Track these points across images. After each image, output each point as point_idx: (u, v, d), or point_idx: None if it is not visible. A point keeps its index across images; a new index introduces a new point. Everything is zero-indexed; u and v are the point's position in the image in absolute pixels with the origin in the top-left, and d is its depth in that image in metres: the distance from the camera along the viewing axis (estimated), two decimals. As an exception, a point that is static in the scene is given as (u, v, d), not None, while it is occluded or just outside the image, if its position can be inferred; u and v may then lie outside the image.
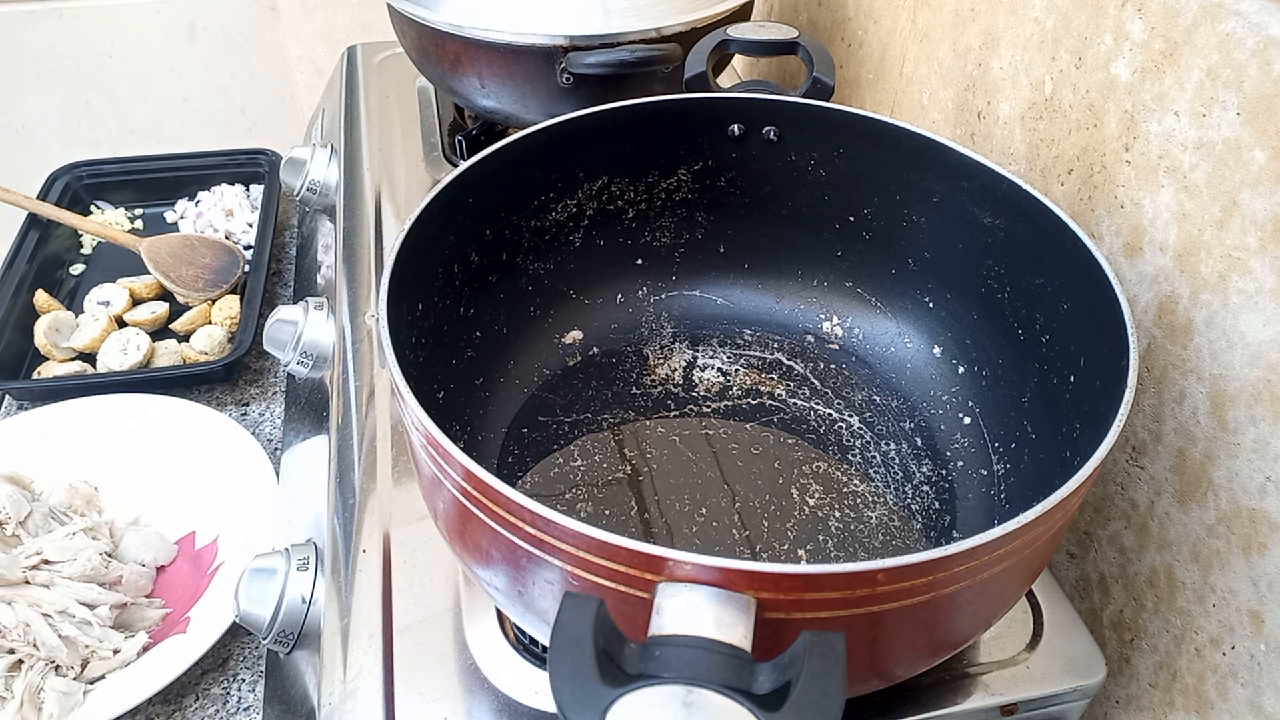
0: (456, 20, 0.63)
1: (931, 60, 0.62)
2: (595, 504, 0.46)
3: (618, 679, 0.25)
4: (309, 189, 0.78)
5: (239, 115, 1.25)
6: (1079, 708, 0.43)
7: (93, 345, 0.78)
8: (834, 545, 0.44)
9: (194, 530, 0.65)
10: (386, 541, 0.46)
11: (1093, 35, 0.46)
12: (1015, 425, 0.46)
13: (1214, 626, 0.42)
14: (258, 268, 0.83)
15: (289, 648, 0.48)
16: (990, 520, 0.45)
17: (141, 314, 0.82)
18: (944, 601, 0.30)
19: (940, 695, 0.41)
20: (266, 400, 0.76)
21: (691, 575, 0.27)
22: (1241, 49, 0.37)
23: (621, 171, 0.52)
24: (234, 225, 0.92)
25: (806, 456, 0.49)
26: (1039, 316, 0.44)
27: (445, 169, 0.72)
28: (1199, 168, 0.40)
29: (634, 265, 0.56)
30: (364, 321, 0.59)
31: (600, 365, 0.53)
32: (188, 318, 0.82)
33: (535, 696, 0.40)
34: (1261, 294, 0.37)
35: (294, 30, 1.20)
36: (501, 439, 0.49)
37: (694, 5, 0.64)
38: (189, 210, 0.94)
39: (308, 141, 0.93)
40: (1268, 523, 0.38)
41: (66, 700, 0.54)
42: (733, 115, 0.51)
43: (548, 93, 0.64)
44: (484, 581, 0.35)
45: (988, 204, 0.46)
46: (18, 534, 0.61)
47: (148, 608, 0.60)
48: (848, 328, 0.55)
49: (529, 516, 0.29)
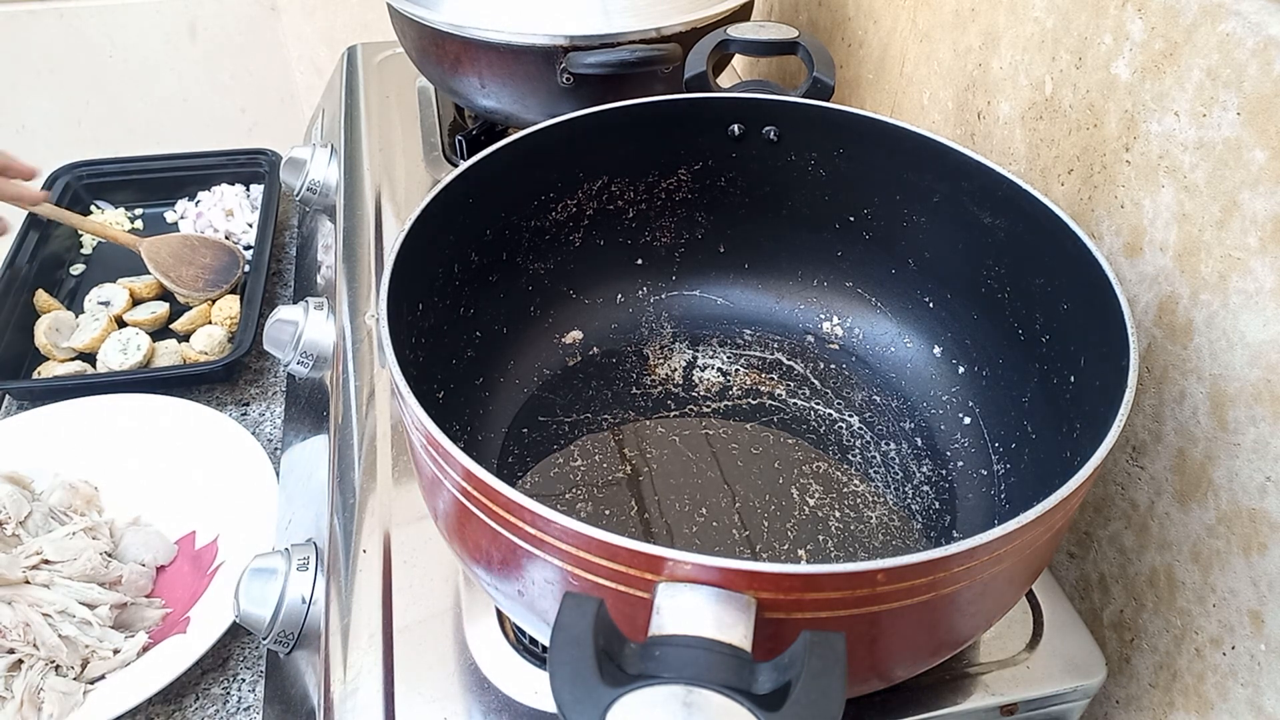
0: (456, 20, 0.63)
1: (932, 60, 0.62)
2: (595, 504, 0.46)
3: (618, 679, 0.25)
4: (309, 189, 0.78)
5: (239, 115, 1.25)
6: (1079, 708, 0.43)
7: (93, 345, 0.78)
8: (834, 545, 0.44)
9: (194, 530, 0.65)
10: (386, 541, 0.46)
11: (1093, 35, 0.46)
12: (1015, 425, 0.46)
13: (1214, 626, 0.42)
14: (258, 268, 0.83)
15: (289, 648, 0.48)
16: (990, 520, 0.45)
17: (141, 314, 0.82)
18: (944, 601, 0.30)
19: (940, 695, 0.41)
20: (266, 400, 0.76)
21: (691, 575, 0.27)
22: (1241, 49, 0.37)
23: (621, 171, 0.52)
24: (234, 225, 0.92)
25: (806, 456, 0.49)
26: (1039, 316, 0.44)
27: (445, 169, 0.72)
28: (1199, 168, 0.40)
29: (634, 265, 0.56)
30: (364, 321, 0.59)
31: (600, 365, 0.53)
32: (188, 318, 0.82)
33: (535, 696, 0.40)
34: (1261, 294, 0.37)
35: (294, 30, 1.20)
36: (501, 439, 0.49)
37: (694, 5, 0.64)
38: (189, 210, 0.94)
39: (308, 141, 0.93)
40: (1268, 523, 0.38)
41: (66, 700, 0.54)
42: (733, 115, 0.51)
43: (548, 93, 0.64)
44: (484, 581, 0.35)
45: (988, 204, 0.46)
46: (18, 534, 0.61)
47: (148, 608, 0.60)
48: (848, 328, 0.55)
49: (529, 516, 0.29)
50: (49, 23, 1.12)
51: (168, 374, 0.76)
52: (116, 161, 0.96)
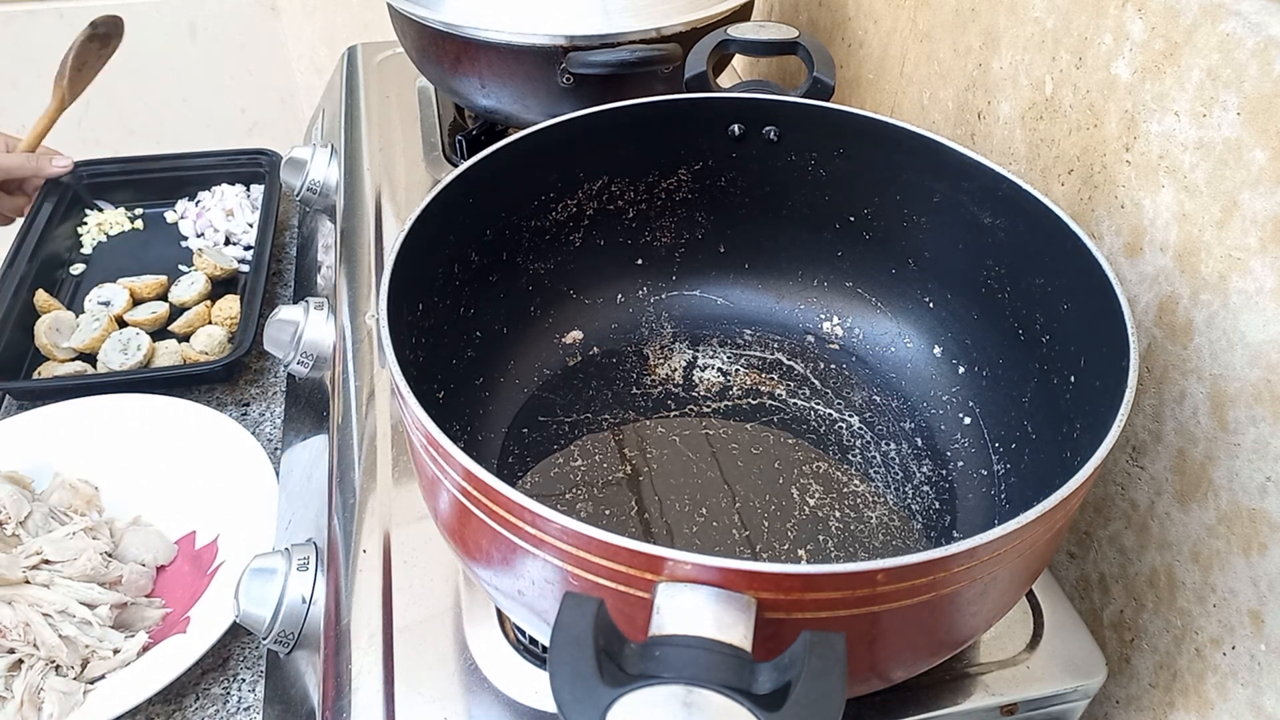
0: (456, 20, 0.63)
1: (932, 60, 0.62)
2: (595, 504, 0.46)
3: (618, 679, 0.25)
4: (309, 189, 0.78)
5: (239, 115, 1.25)
6: (1079, 708, 0.43)
7: (93, 345, 0.78)
8: (834, 545, 0.44)
9: (194, 530, 0.65)
10: (386, 541, 0.46)
11: (1093, 35, 0.46)
12: (1015, 425, 0.46)
13: (1214, 627, 0.42)
14: (258, 267, 0.83)
15: (289, 648, 0.48)
16: (990, 520, 0.45)
17: (142, 314, 0.82)
18: (944, 601, 0.30)
19: (940, 695, 0.41)
20: (266, 400, 0.76)
21: (692, 575, 0.27)
22: (1242, 49, 0.37)
23: (622, 171, 0.52)
24: (234, 225, 0.92)
25: (807, 456, 0.49)
26: (1039, 316, 0.44)
27: (445, 169, 0.72)
28: (1199, 168, 0.40)
29: (634, 265, 0.56)
30: (364, 321, 0.59)
31: (600, 365, 0.53)
32: (186, 319, 0.82)
33: (535, 696, 0.40)
34: (1262, 294, 0.37)
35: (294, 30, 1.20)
36: (501, 439, 0.49)
37: (694, 5, 0.64)
38: (189, 210, 0.94)
39: (308, 141, 0.93)
40: (1268, 523, 0.38)
41: (66, 700, 0.54)
42: (733, 115, 0.51)
43: (548, 93, 0.64)
44: (484, 581, 0.35)
45: (988, 204, 0.46)
46: (18, 534, 0.61)
47: (148, 607, 0.60)
48: (848, 328, 0.55)
49: (529, 516, 0.29)
50: (49, 23, 1.12)
51: (168, 374, 0.76)
52: (117, 161, 0.96)
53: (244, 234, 0.92)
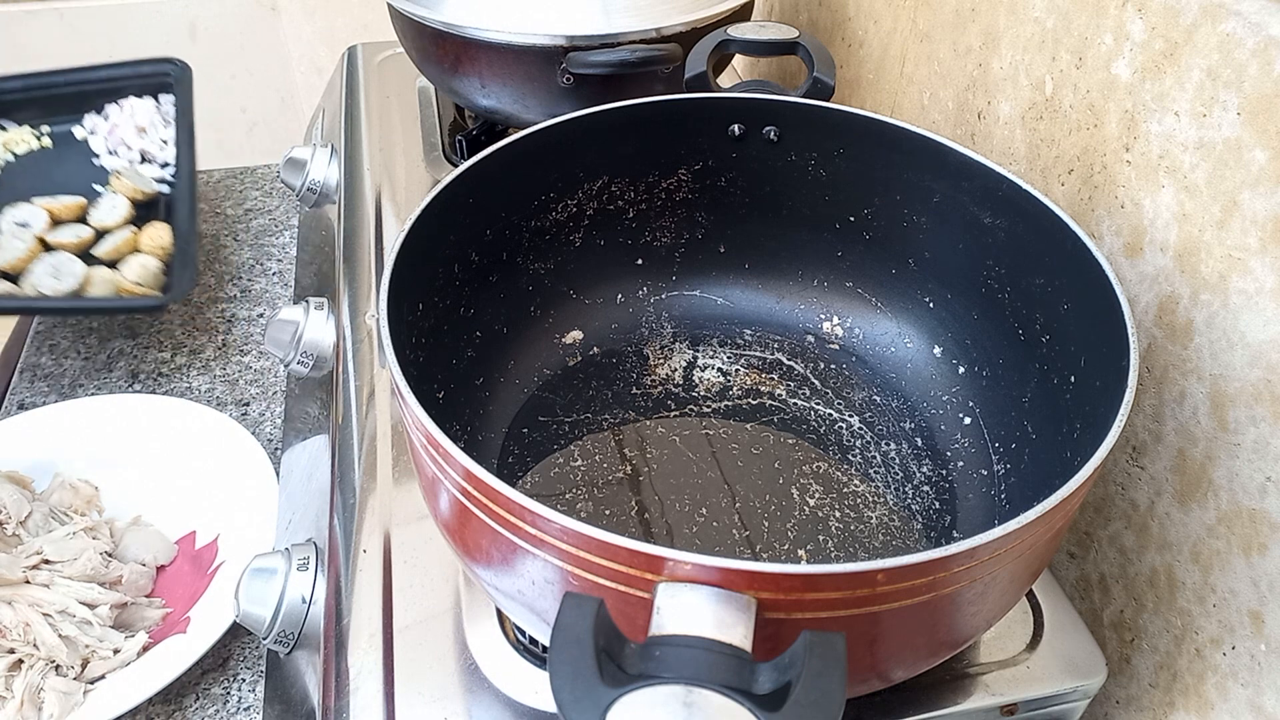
0: (456, 20, 0.63)
1: (932, 60, 0.62)
2: (595, 504, 0.46)
3: (618, 679, 0.25)
4: (309, 189, 0.78)
5: (239, 115, 1.25)
6: (1079, 708, 0.43)
7: (18, 266, 0.74)
8: (834, 545, 0.44)
9: (194, 530, 0.65)
10: (386, 541, 0.46)
11: (1093, 35, 0.46)
12: (1016, 425, 0.46)
13: (1214, 627, 0.42)
14: (182, 191, 0.77)
15: (289, 648, 0.48)
16: (990, 520, 0.45)
17: (65, 236, 0.77)
18: (944, 601, 0.30)
19: (940, 695, 0.41)
20: (266, 400, 0.76)
21: (692, 575, 0.27)
22: (1242, 49, 0.37)
23: (622, 171, 0.52)
24: (149, 144, 0.86)
25: (807, 456, 0.49)
26: (1039, 316, 0.44)
27: (445, 169, 0.72)
28: (1199, 168, 0.40)
29: (634, 265, 0.56)
30: (364, 321, 0.59)
31: (600, 365, 0.53)
32: (114, 245, 0.77)
33: (535, 696, 0.40)
34: (1262, 294, 0.37)
35: (294, 30, 1.20)
36: (501, 439, 0.49)
37: (694, 5, 0.64)
38: (99, 125, 0.87)
39: (308, 141, 0.93)
40: (1268, 523, 0.38)
41: (66, 700, 0.54)
42: (733, 115, 0.51)
43: (548, 93, 0.64)
44: (484, 581, 0.35)
45: (988, 204, 0.46)
46: (18, 534, 0.61)
47: (148, 607, 0.60)
48: (848, 328, 0.55)
49: (529, 516, 0.29)
50: (49, 23, 1.12)
51: (107, 304, 0.71)
52: (17, 77, 0.88)
53: (160, 151, 0.85)
